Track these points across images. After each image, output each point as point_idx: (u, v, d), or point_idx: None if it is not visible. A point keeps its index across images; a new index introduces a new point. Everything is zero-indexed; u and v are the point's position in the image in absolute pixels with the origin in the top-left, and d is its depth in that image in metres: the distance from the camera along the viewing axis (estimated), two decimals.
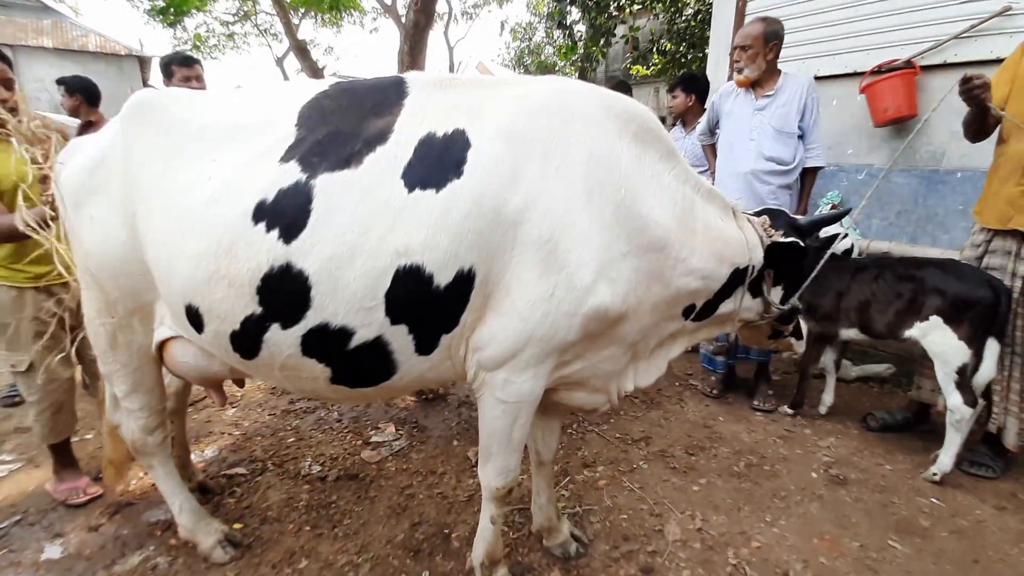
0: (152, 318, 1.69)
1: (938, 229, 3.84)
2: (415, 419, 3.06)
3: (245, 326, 1.42)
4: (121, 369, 1.78)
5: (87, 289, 1.71)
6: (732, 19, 4.91)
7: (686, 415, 3.12)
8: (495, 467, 1.63)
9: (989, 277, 2.47)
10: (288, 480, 2.49)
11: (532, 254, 1.35)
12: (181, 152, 1.49)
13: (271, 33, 15.69)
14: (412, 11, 7.25)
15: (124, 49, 18.76)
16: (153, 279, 1.58)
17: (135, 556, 2.02)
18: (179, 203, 1.44)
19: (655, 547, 2.04)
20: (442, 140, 1.36)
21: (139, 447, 1.93)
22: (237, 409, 3.20)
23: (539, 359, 1.44)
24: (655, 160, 1.50)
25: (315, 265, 1.32)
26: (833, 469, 2.57)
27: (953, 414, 2.44)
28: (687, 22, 9.56)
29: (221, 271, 1.38)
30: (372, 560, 1.99)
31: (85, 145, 1.69)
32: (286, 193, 1.35)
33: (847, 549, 2.05)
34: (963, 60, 3.66)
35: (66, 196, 1.64)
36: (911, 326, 2.60)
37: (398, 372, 1.47)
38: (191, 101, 1.60)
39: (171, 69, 3.46)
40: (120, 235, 1.56)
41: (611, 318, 1.44)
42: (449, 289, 1.34)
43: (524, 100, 1.44)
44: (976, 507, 2.33)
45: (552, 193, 1.35)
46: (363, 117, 1.42)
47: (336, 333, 1.38)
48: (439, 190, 1.32)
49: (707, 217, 1.59)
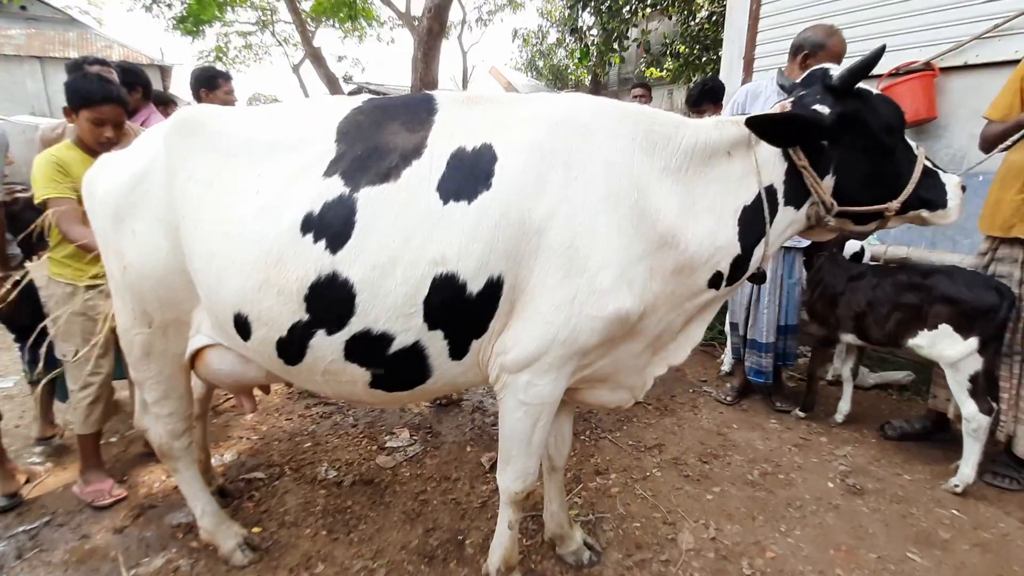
0: (187, 328, 1.75)
1: (958, 233, 3.77)
2: (429, 425, 3.09)
3: (292, 332, 1.49)
4: (154, 377, 1.84)
5: (122, 301, 1.76)
6: (746, 22, 4.89)
7: (700, 422, 3.10)
8: (514, 470, 1.67)
9: (996, 283, 2.45)
10: (305, 485, 2.54)
11: (555, 260, 1.41)
12: (227, 167, 1.56)
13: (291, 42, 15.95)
14: (426, 18, 7.34)
15: (146, 59, 19.25)
16: (192, 290, 1.65)
17: (159, 558, 2.07)
18: (228, 216, 1.51)
19: (668, 556, 2.04)
20: (471, 154, 1.44)
21: (166, 451, 1.99)
22: (255, 414, 3.25)
23: (562, 361, 1.49)
24: (662, 149, 1.51)
25: (359, 274, 1.40)
26: (850, 478, 2.54)
27: (969, 423, 2.40)
28: (700, 25, 9.51)
29: (271, 280, 1.45)
30: (387, 565, 2.02)
31: (119, 160, 1.73)
32: (331, 206, 1.42)
33: (864, 560, 2.03)
34: (985, 61, 3.60)
35: (104, 210, 1.68)
36: (915, 335, 2.58)
37: (432, 376, 1.55)
38: (233, 117, 1.67)
39: (218, 82, 3.55)
40: (163, 248, 1.62)
41: (631, 320, 1.49)
42: (480, 296, 1.42)
43: (545, 115, 1.51)
44: (1000, 520, 2.28)
45: (573, 201, 1.41)
46: (397, 133, 1.49)
47: (377, 339, 1.45)
48: (471, 201, 1.39)
49: (708, 179, 1.52)
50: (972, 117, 3.65)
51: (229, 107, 1.86)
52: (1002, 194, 2.44)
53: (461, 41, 18.46)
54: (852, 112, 1.48)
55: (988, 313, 2.38)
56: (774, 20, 4.61)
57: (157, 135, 1.66)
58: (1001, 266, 2.50)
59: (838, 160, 1.52)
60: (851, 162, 1.52)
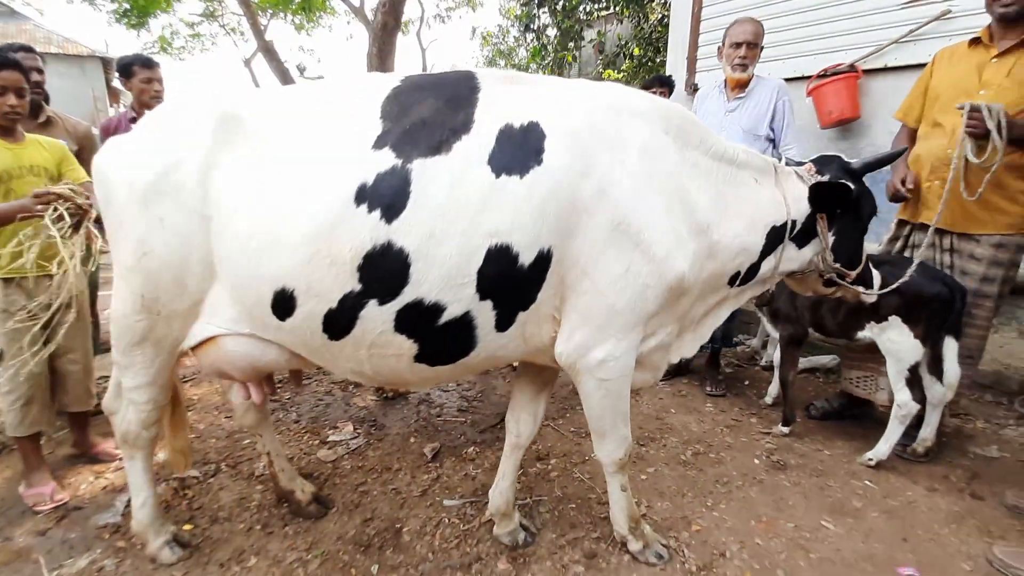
0: (196, 316, 1.69)
1: (881, 226, 3.96)
2: (374, 418, 3.08)
3: (343, 303, 1.49)
4: (142, 363, 1.77)
5: (127, 287, 1.67)
6: (688, 25, 5.06)
7: (640, 408, 3.20)
8: (613, 442, 1.82)
9: (943, 275, 2.53)
10: (241, 481, 2.49)
11: (606, 236, 1.51)
12: (272, 147, 1.53)
13: (239, 31, 15.45)
14: (380, 13, 7.25)
15: (86, 51, 18.29)
16: (211, 281, 1.62)
17: (82, 559, 2.00)
18: (271, 195, 1.49)
19: (600, 533, 2.10)
20: (520, 131, 1.49)
21: (132, 439, 1.91)
22: (193, 412, 3.17)
23: (625, 332, 1.60)
24: (694, 148, 1.69)
25: (414, 243, 1.43)
26: (775, 455, 2.68)
27: (900, 409, 2.53)
28: (652, 27, 9.74)
29: (323, 251, 1.45)
30: (322, 556, 2.01)
31: (143, 145, 1.64)
32: (384, 177, 1.44)
33: (782, 530, 2.15)
34: (903, 64, 3.84)
35: (126, 195, 1.60)
36: (864, 328, 2.61)
37: (476, 348, 1.59)
38: (273, 100, 1.66)
39: (133, 70, 3.43)
40: (194, 236, 1.57)
41: (684, 288, 1.61)
42: (531, 268, 1.49)
43: (588, 99, 1.61)
44: (908, 488, 2.45)
45: (620, 182, 1.52)
46: (442, 109, 1.52)
47: (429, 309, 1.48)
48: (523, 176, 1.45)
49: (740, 189, 1.74)
50: (892, 117, 3.90)
51: (269, 90, 1.80)
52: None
53: (420, 38, 18.29)
54: (860, 193, 1.85)
55: (934, 304, 2.44)
56: (714, 23, 4.79)
57: (197, 126, 1.59)
58: (918, 251, 2.62)
59: (839, 225, 1.88)
60: (845, 230, 1.90)
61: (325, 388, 3.49)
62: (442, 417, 3.12)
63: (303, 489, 2.28)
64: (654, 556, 1.95)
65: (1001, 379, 3.51)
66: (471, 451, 2.72)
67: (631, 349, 1.65)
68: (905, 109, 2.73)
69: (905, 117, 2.71)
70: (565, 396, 3.33)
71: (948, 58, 2.59)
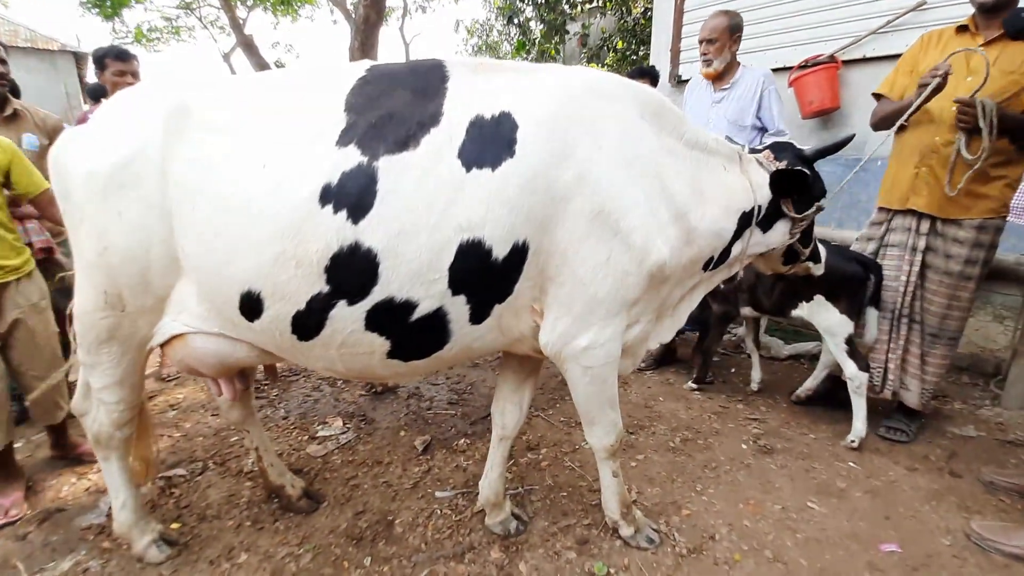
0: (162, 313, 1.65)
1: (862, 214, 4.08)
2: (363, 412, 3.07)
3: (311, 305, 1.46)
4: (110, 363, 1.72)
5: (90, 282, 1.62)
6: (671, 16, 5.08)
7: (628, 397, 3.23)
8: (602, 428, 1.84)
9: (856, 254, 2.74)
10: (230, 478, 2.46)
11: (586, 225, 1.49)
12: (230, 143, 1.48)
13: (217, 25, 15.17)
14: (362, 6, 7.17)
15: (57, 44, 17.74)
16: (175, 276, 1.57)
17: (66, 561, 1.96)
18: (234, 194, 1.44)
19: (591, 520, 2.12)
20: (491, 122, 1.46)
21: (104, 440, 1.86)
22: (178, 411, 3.12)
23: (608, 319, 1.61)
24: (669, 134, 1.69)
25: (383, 242, 1.40)
26: (762, 440, 2.72)
27: (852, 381, 2.65)
28: (636, 20, 9.77)
29: (288, 253, 1.41)
30: (313, 550, 2.00)
31: (99, 137, 1.57)
32: (350, 175, 1.40)
33: (769, 511, 2.19)
34: (881, 54, 3.90)
35: (83, 188, 1.54)
36: (796, 307, 2.82)
37: (450, 342, 1.57)
38: (230, 91, 1.59)
39: (104, 63, 3.35)
40: (154, 231, 1.51)
41: (665, 274, 1.62)
42: (506, 261, 1.47)
43: (562, 84, 1.57)
44: (890, 468, 2.51)
45: (599, 169, 1.49)
46: (409, 101, 1.48)
47: (400, 306, 1.47)
48: (495, 168, 1.42)
49: (713, 175, 1.77)
50: (871, 106, 3.94)
51: (228, 80, 1.73)
52: (899, 170, 2.66)
53: (403, 31, 18.14)
54: (813, 178, 1.91)
55: (852, 281, 2.65)
56: (696, 14, 4.81)
57: (150, 116, 1.53)
58: (895, 235, 2.71)
59: (796, 208, 1.93)
60: (800, 212, 1.95)
61: (313, 384, 3.46)
62: (432, 410, 3.11)
63: (293, 484, 2.26)
64: (645, 540, 1.97)
65: (977, 361, 3.61)
66: (462, 443, 2.72)
67: (615, 336, 1.65)
68: (889, 84, 2.70)
69: (889, 92, 2.68)
70: (554, 387, 3.35)
71: (935, 42, 2.58)
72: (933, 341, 2.66)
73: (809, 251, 2.14)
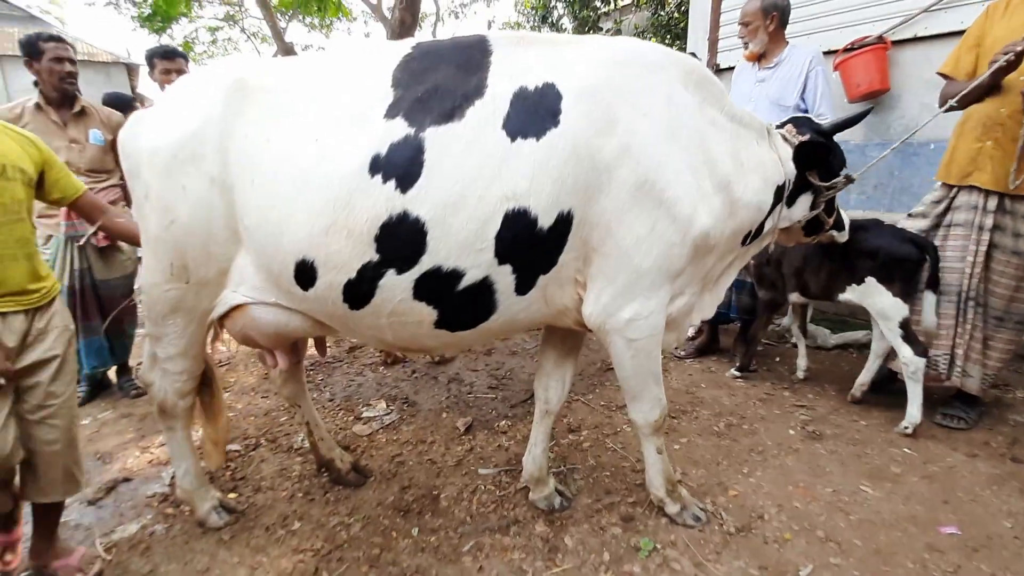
0: (223, 284, 1.73)
1: (913, 200, 3.90)
2: (405, 395, 3.13)
3: (362, 273, 1.51)
4: (175, 333, 1.82)
5: (156, 256, 1.73)
6: (709, 6, 5.00)
7: (670, 383, 3.19)
8: (647, 403, 1.83)
9: (911, 234, 2.60)
10: (281, 454, 2.56)
11: (630, 195, 1.50)
12: (283, 119, 1.56)
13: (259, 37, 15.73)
14: (398, 10, 7.33)
15: (110, 56, 18.79)
16: (236, 248, 1.65)
17: (133, 524, 2.08)
18: (288, 166, 1.51)
19: (636, 499, 2.11)
20: (535, 93, 1.48)
21: (168, 408, 1.96)
22: (231, 394, 3.25)
23: (653, 291, 1.61)
24: (711, 105, 1.69)
25: (430, 212, 1.43)
26: (810, 426, 2.65)
27: (908, 366, 2.53)
28: (670, 14, 9.65)
29: (339, 223, 1.47)
30: (363, 520, 2.05)
31: (163, 117, 1.68)
32: (398, 146, 1.44)
33: (820, 494, 2.13)
34: (933, 33, 3.74)
35: (150, 166, 1.65)
36: (844, 290, 2.73)
37: (496, 312, 1.60)
38: (284, 71, 1.68)
39: (153, 62, 3.53)
40: (215, 206, 1.60)
41: (709, 245, 1.63)
42: (551, 230, 1.49)
43: (606, 54, 1.58)
44: (947, 455, 2.41)
45: (643, 138, 1.50)
46: (454, 75, 1.52)
47: (447, 275, 1.50)
48: (539, 139, 1.44)
49: (750, 148, 1.77)
50: (923, 87, 3.81)
51: (282, 61, 1.81)
52: (960, 143, 2.53)
53: (435, 35, 18.40)
54: (832, 150, 1.93)
55: (906, 263, 2.54)
56: (734, 2, 4.73)
57: (210, 95, 1.63)
58: (959, 214, 2.55)
59: (820, 177, 1.93)
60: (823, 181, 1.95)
61: (356, 369, 3.56)
62: (472, 394, 3.15)
63: (342, 459, 2.33)
64: (692, 518, 1.95)
65: None
66: (503, 424, 2.75)
67: (660, 308, 1.65)
68: (953, 63, 2.56)
69: (954, 71, 2.55)
70: (593, 373, 3.34)
71: (1003, 9, 2.43)
72: (998, 325, 2.53)
73: (833, 220, 2.11)
